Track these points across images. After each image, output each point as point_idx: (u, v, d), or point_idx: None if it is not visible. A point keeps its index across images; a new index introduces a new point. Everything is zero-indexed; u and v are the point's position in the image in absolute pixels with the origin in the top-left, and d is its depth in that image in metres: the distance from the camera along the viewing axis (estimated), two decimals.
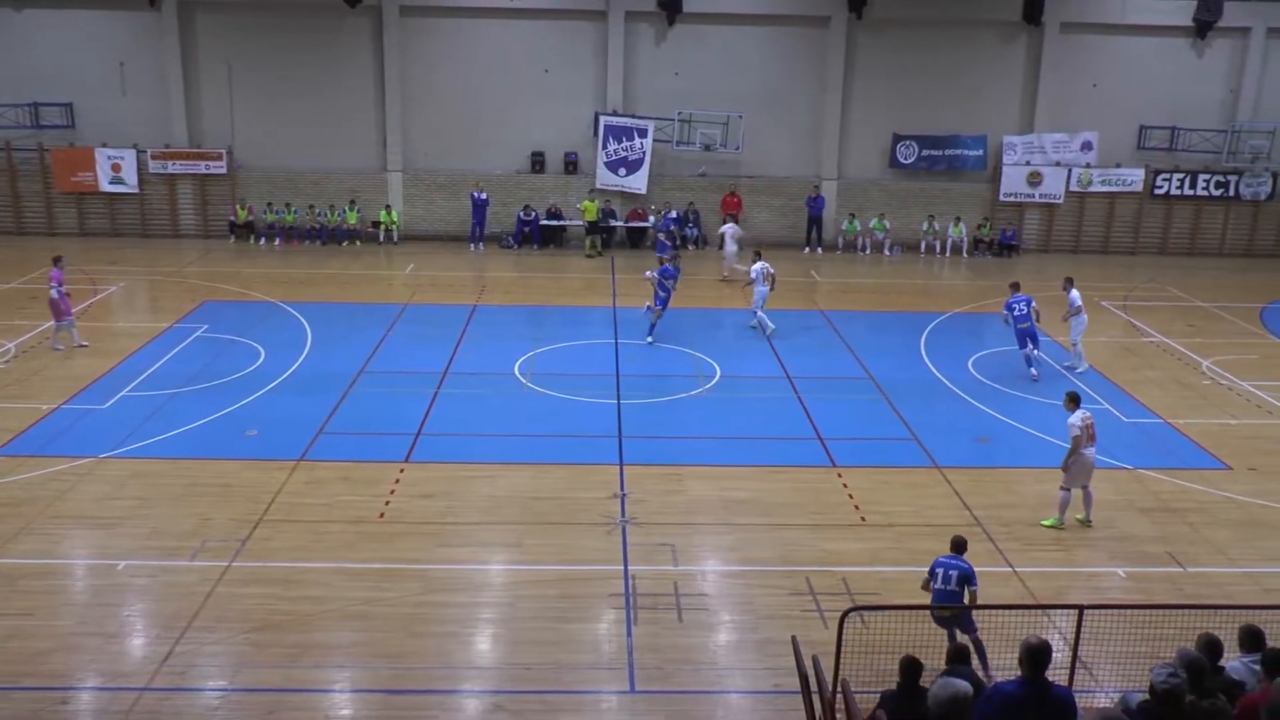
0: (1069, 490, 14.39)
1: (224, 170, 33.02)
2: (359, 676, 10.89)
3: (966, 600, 10.67)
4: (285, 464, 15.97)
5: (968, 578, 10.69)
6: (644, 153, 32.81)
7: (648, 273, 23.85)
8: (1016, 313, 20.71)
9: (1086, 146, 33.98)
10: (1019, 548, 13.90)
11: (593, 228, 32.49)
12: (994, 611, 10.90)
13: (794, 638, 10.18)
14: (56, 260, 21.64)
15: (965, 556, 10.95)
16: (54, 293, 21.02)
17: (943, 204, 34.16)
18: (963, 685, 7.28)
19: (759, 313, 23.60)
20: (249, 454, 16.35)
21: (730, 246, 28.65)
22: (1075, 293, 21.47)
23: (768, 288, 23.47)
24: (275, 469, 15.78)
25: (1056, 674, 8.12)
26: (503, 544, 13.84)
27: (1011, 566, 13.37)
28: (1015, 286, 21.54)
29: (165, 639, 11.31)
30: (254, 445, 16.71)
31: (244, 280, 27.85)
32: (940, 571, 10.83)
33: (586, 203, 32.66)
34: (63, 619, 11.75)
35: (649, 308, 23.05)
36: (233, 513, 14.32)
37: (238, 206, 33.02)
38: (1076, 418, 14.32)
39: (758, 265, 23.61)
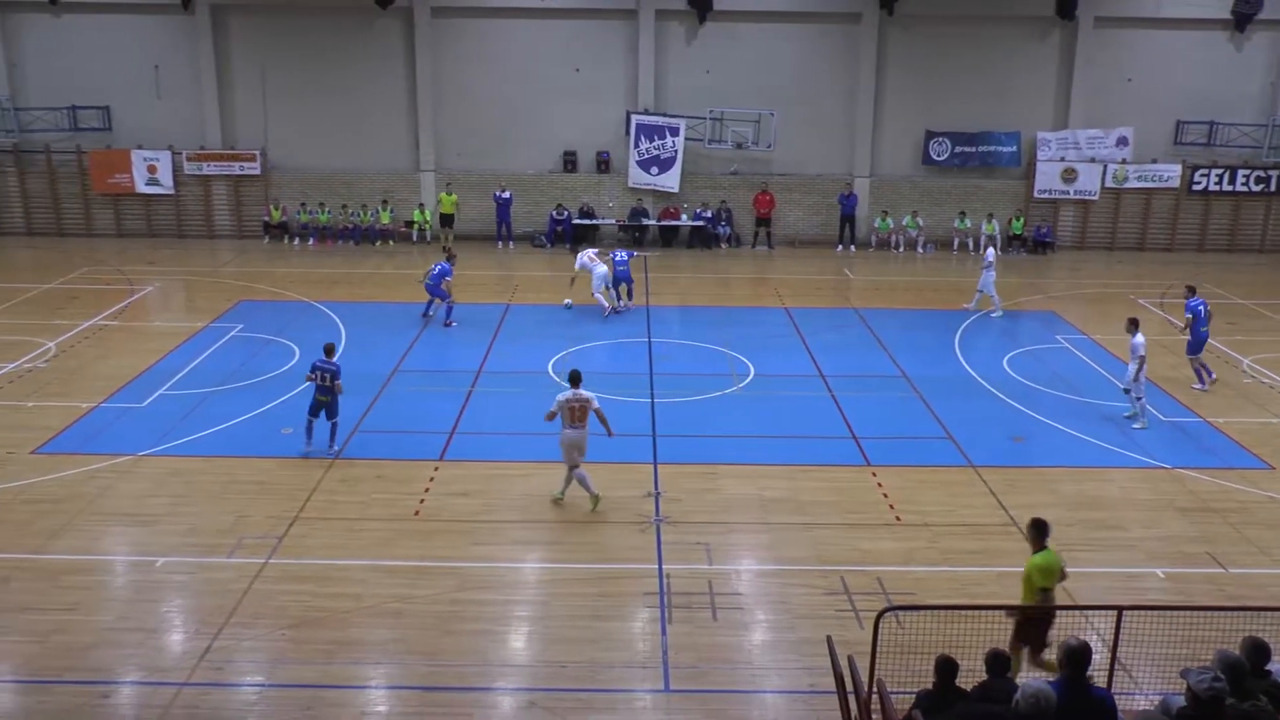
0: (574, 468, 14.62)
1: (258, 171, 33.32)
2: (394, 673, 10.95)
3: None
4: (321, 462, 16.08)
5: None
6: (676, 151, 32.79)
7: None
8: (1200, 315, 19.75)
9: (1122, 142, 33.64)
10: (1057, 548, 13.69)
11: (446, 220, 32.64)
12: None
13: (829, 638, 10.14)
14: None
15: None
16: None
17: (976, 201, 33.90)
18: (1048, 689, 7.06)
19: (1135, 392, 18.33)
20: (284, 452, 16.47)
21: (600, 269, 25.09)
22: (992, 251, 25.96)
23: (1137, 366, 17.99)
24: (311, 467, 15.89)
25: (1095, 675, 8.05)
26: (537, 542, 13.89)
27: None
28: (1192, 290, 20.72)
29: (204, 634, 11.42)
30: (289, 443, 16.81)
31: (278, 280, 28.06)
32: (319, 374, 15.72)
33: (443, 195, 32.69)
34: (104, 614, 11.88)
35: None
36: (269, 510, 14.43)
37: (271, 207, 33.28)
38: (562, 396, 14.48)
39: (1140, 339, 17.99)
